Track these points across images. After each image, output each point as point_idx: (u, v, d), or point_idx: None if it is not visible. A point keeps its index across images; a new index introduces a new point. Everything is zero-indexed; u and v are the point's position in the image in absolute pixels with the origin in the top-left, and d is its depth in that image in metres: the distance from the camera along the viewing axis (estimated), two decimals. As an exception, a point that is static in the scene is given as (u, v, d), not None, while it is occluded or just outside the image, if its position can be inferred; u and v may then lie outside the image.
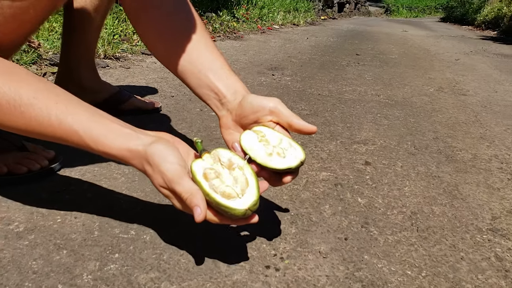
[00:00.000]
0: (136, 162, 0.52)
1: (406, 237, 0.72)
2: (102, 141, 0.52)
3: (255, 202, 0.52)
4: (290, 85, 1.76)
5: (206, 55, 0.68)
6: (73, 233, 0.63)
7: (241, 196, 0.52)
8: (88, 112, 0.54)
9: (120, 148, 0.52)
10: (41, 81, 0.55)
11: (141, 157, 0.52)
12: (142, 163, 0.52)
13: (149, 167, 0.51)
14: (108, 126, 0.53)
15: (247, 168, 0.56)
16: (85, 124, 0.52)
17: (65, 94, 0.55)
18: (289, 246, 0.66)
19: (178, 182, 0.50)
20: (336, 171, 0.95)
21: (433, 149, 1.14)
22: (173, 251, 0.61)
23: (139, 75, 1.59)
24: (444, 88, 1.96)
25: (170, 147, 0.53)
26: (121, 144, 0.52)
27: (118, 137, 0.53)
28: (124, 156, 0.52)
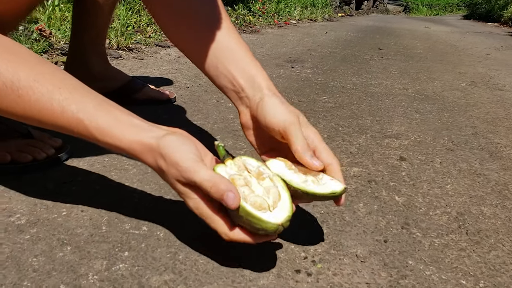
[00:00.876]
0: (148, 157, 0.45)
1: (455, 241, 0.63)
2: (110, 132, 0.45)
3: (288, 217, 0.45)
4: (311, 77, 1.67)
5: (227, 43, 0.60)
6: (79, 227, 0.56)
7: (272, 210, 0.45)
8: (95, 100, 0.47)
9: (131, 140, 0.45)
10: (45, 63, 0.48)
11: (153, 150, 0.45)
12: (155, 158, 0.45)
13: (163, 161, 0.44)
14: (117, 116, 0.47)
15: (278, 181, 0.49)
16: (92, 113, 0.46)
17: (71, 79, 0.48)
18: (321, 248, 0.58)
19: (196, 170, 0.43)
20: (369, 167, 0.86)
21: (473, 145, 1.04)
22: (189, 250, 0.53)
23: (153, 66, 1.53)
24: (477, 82, 1.84)
25: (186, 139, 0.46)
26: (132, 136, 0.46)
27: (129, 129, 0.46)
28: (134, 149, 0.45)
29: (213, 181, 0.43)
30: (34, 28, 1.43)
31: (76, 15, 0.93)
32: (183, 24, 0.62)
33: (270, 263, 0.53)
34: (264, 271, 0.51)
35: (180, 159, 0.43)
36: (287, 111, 0.53)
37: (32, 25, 1.46)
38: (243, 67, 0.58)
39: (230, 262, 0.52)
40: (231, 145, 0.90)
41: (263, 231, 0.44)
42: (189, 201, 0.46)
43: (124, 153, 0.46)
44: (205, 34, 0.60)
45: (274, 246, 0.57)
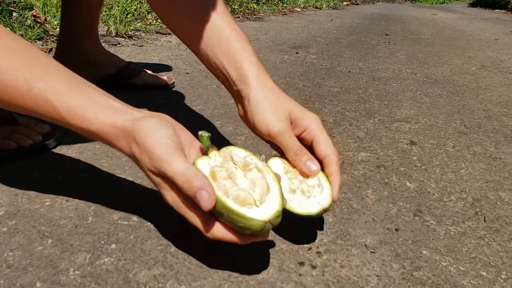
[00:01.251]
0: (122, 143, 0.40)
1: (472, 229, 0.58)
2: (82, 114, 0.40)
3: (278, 213, 0.39)
4: (316, 63, 1.61)
5: (220, 30, 0.54)
6: (63, 218, 0.52)
7: (259, 204, 0.40)
8: (67, 79, 0.42)
9: (103, 123, 0.40)
10: (15, 39, 0.43)
11: (128, 135, 0.40)
12: (129, 144, 0.40)
13: (136, 147, 0.39)
14: (91, 97, 0.42)
15: (268, 171, 0.43)
16: (62, 93, 0.41)
17: (44, 57, 0.43)
18: (326, 238, 0.53)
19: (169, 161, 0.38)
20: (377, 152, 0.81)
21: (487, 128, 0.98)
22: (183, 242, 0.49)
23: (152, 53, 1.48)
24: (487, 66, 1.77)
25: (163, 122, 0.41)
26: (105, 118, 0.40)
27: (102, 110, 0.41)
28: (107, 133, 0.40)
29: (186, 175, 0.37)
30: (28, 14, 1.38)
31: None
32: (178, 11, 0.57)
33: (271, 255, 0.48)
34: (264, 264, 0.47)
35: (153, 145, 0.38)
36: (274, 116, 0.49)
37: (26, 12, 1.41)
38: (233, 57, 0.53)
39: (227, 255, 0.48)
40: (231, 131, 0.85)
41: (248, 230, 0.38)
42: (165, 193, 0.40)
43: (97, 138, 0.41)
44: (199, 20, 0.55)
45: (275, 236, 0.52)
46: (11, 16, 1.33)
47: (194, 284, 0.43)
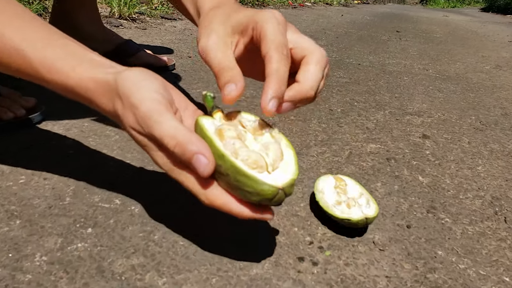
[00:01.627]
0: (102, 99, 0.35)
1: (492, 229, 0.52)
2: (58, 66, 0.35)
3: (292, 181, 0.34)
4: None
5: None
6: (37, 198, 0.46)
7: (271, 170, 0.34)
8: (44, 30, 0.37)
9: (82, 76, 0.35)
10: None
11: (110, 89, 0.34)
12: (112, 99, 0.34)
13: (119, 103, 0.34)
14: (69, 49, 0.37)
15: (282, 138, 0.37)
16: (39, 44, 0.36)
17: (20, 8, 0.38)
18: (330, 232, 0.47)
19: (156, 120, 0.32)
20: (387, 144, 0.75)
21: (504, 125, 0.92)
22: (168, 230, 0.44)
23: (155, 36, 1.42)
24: (502, 66, 1.70)
25: (149, 74, 0.35)
26: (85, 71, 0.35)
27: (82, 63, 0.36)
28: (87, 89, 0.35)
29: (178, 138, 0.31)
30: (27, -9, 1.33)
31: None
32: None
33: (267, 248, 0.43)
34: (259, 257, 0.41)
35: (138, 100, 0.32)
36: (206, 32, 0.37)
37: (25, -12, 1.36)
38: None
39: (217, 245, 0.42)
40: (231, 116, 0.80)
41: (257, 196, 0.32)
42: (153, 154, 0.34)
43: (75, 96, 0.36)
44: None
45: (273, 226, 0.47)
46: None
47: (177, 277, 0.37)
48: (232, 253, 0.41)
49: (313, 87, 0.36)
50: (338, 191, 0.50)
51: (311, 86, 0.36)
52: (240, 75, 0.35)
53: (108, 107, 0.35)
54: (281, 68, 0.34)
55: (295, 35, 0.38)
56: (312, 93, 0.36)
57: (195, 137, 0.32)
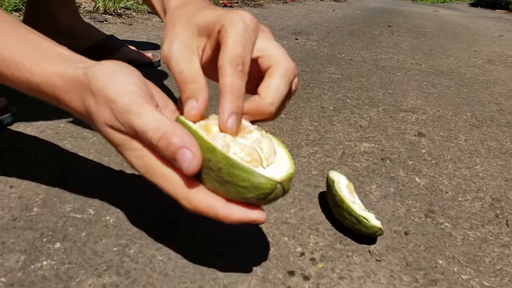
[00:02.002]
0: (71, 96, 0.31)
1: (494, 234, 0.49)
2: (20, 60, 0.31)
3: (290, 175, 0.31)
4: (316, 49, 1.51)
5: None
6: (0, 209, 0.42)
7: (265, 166, 0.30)
8: (9, 24, 0.33)
9: (49, 72, 0.31)
10: None
11: (81, 85, 0.30)
12: (82, 96, 0.30)
13: (92, 99, 0.30)
14: (33, 42, 0.33)
15: (272, 138, 0.34)
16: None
17: None
18: (323, 241, 0.44)
19: (137, 112, 0.28)
20: (382, 142, 0.72)
21: (500, 122, 0.89)
22: (146, 242, 0.40)
23: (141, 31, 1.37)
24: (494, 60, 1.68)
25: (124, 66, 0.31)
26: (51, 66, 0.31)
27: (48, 58, 0.32)
28: (54, 86, 0.31)
29: (162, 130, 0.28)
30: (4, -16, 1.27)
31: None
32: None
33: (254, 261, 0.39)
34: (245, 272, 0.38)
35: (114, 93, 0.28)
36: (169, 38, 0.33)
37: (3, -19, 1.30)
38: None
39: (199, 258, 0.38)
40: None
41: (253, 191, 0.29)
42: (129, 155, 0.30)
43: (41, 95, 0.32)
44: None
45: (260, 236, 0.43)
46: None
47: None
48: (216, 268, 0.37)
49: (273, 102, 0.32)
50: (349, 192, 0.47)
51: (271, 101, 0.32)
52: (204, 88, 0.31)
53: (78, 105, 0.31)
54: (235, 82, 0.30)
55: (265, 42, 0.34)
56: (272, 109, 0.32)
57: (180, 129, 0.28)
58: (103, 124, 0.29)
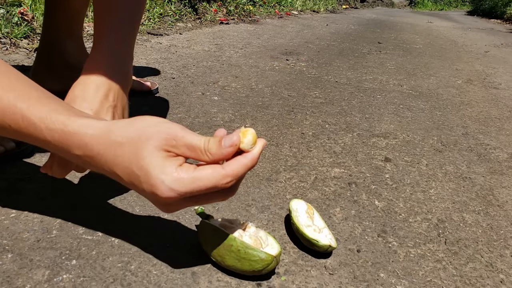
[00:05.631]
0: (100, 147, 0.39)
1: (432, 251, 0.59)
2: (57, 116, 0.40)
3: (280, 253, 0.49)
4: (305, 70, 1.62)
5: None
6: (26, 231, 0.52)
7: (264, 247, 0.48)
8: (41, 92, 0.42)
9: (83, 124, 0.40)
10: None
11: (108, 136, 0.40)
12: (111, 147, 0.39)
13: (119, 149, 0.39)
14: (68, 107, 0.42)
15: (260, 230, 0.51)
16: (33, 100, 0.41)
17: (9, 68, 0.44)
18: (288, 257, 0.54)
19: (183, 133, 0.39)
20: (351, 168, 0.82)
21: (462, 146, 1.00)
22: (144, 259, 0.50)
23: (141, 55, 1.48)
24: (473, 80, 1.79)
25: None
26: (82, 122, 0.40)
27: (81, 114, 0.41)
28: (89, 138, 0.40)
29: (206, 139, 0.39)
30: (16, 11, 1.38)
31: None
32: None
33: (230, 275, 0.49)
34: (222, 283, 0.48)
35: (166, 127, 0.40)
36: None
37: (14, 8, 1.40)
38: None
39: (186, 273, 0.48)
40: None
41: (260, 263, 0.46)
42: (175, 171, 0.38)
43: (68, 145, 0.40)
44: None
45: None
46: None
47: (149, 303, 0.44)
48: (199, 280, 0.48)
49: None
50: (308, 216, 0.57)
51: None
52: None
53: (108, 156, 0.39)
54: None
55: None
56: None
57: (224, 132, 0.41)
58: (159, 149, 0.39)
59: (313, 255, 0.55)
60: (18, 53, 1.25)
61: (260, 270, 0.47)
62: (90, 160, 0.40)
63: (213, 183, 0.38)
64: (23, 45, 1.28)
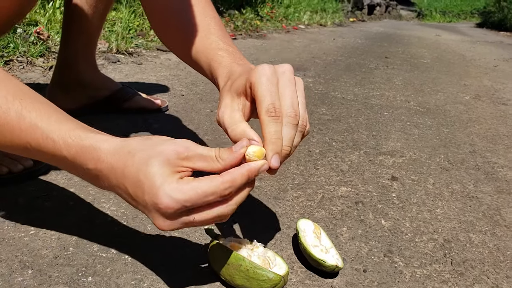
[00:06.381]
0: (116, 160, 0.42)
1: (438, 272, 0.60)
2: (82, 134, 0.43)
3: (287, 272, 0.50)
4: (312, 87, 1.65)
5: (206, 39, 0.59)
6: (45, 248, 0.54)
7: (272, 267, 0.50)
8: (60, 114, 0.45)
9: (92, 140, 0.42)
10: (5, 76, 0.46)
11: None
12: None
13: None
14: (84, 126, 0.45)
15: (268, 250, 0.53)
16: (53, 122, 0.43)
17: (30, 90, 0.46)
18: (295, 277, 0.55)
19: (196, 146, 0.42)
20: (358, 187, 0.83)
21: (469, 164, 1.00)
22: (156, 277, 0.52)
23: (150, 72, 1.52)
24: (481, 96, 1.79)
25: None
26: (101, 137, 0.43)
27: (93, 131, 0.44)
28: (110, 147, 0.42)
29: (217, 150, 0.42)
30: (32, 30, 1.42)
31: (66, 20, 0.92)
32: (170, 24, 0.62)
33: (239, 293, 0.51)
34: (231, 302, 0.49)
35: (175, 143, 0.42)
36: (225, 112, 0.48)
37: (31, 28, 1.46)
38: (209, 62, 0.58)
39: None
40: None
41: (268, 283, 0.48)
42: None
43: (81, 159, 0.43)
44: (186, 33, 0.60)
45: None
46: (15, 32, 1.37)
47: (161, 321, 0.45)
48: (209, 299, 0.49)
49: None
50: (315, 236, 0.58)
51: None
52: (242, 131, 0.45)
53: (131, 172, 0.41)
54: (271, 128, 0.43)
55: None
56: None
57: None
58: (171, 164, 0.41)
59: (320, 275, 0.56)
60: (34, 71, 1.30)
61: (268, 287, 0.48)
62: (101, 174, 0.42)
63: (212, 189, 0.39)
64: (38, 64, 1.32)
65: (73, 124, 0.44)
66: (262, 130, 0.43)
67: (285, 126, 0.44)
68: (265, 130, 0.43)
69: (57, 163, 0.44)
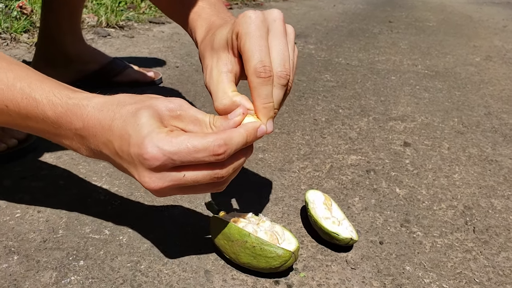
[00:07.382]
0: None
1: (460, 241, 0.55)
2: (74, 95, 0.39)
3: (298, 248, 0.45)
4: (314, 53, 1.57)
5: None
6: (32, 231, 0.50)
7: (281, 242, 0.45)
8: (53, 82, 0.40)
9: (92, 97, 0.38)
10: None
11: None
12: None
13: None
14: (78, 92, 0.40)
15: (276, 224, 0.48)
16: (46, 88, 0.39)
17: (5, 55, 0.42)
18: (306, 252, 0.51)
19: (189, 106, 0.38)
20: (368, 154, 0.78)
21: (486, 127, 0.95)
22: (154, 258, 0.47)
23: (143, 45, 1.44)
24: (492, 57, 1.71)
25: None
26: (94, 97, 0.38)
27: (79, 91, 0.40)
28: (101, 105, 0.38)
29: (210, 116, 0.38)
30: (15, 5, 1.34)
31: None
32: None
33: (245, 273, 0.46)
34: (238, 281, 0.45)
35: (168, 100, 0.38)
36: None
37: (13, 2, 1.37)
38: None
39: (199, 272, 0.46)
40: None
41: (278, 259, 0.43)
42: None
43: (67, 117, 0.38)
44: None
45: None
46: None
47: (161, 306, 0.41)
48: (213, 280, 0.45)
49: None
50: (325, 207, 0.53)
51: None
52: (230, 99, 0.39)
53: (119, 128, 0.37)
54: (262, 91, 0.38)
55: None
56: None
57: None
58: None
59: (333, 248, 0.51)
60: (18, 48, 1.23)
61: (277, 267, 0.44)
62: (87, 133, 0.37)
63: (204, 144, 0.34)
64: (23, 40, 1.25)
65: (56, 83, 0.40)
66: (251, 92, 0.38)
67: (274, 87, 0.39)
68: (255, 93, 0.38)
69: (37, 127, 0.39)
